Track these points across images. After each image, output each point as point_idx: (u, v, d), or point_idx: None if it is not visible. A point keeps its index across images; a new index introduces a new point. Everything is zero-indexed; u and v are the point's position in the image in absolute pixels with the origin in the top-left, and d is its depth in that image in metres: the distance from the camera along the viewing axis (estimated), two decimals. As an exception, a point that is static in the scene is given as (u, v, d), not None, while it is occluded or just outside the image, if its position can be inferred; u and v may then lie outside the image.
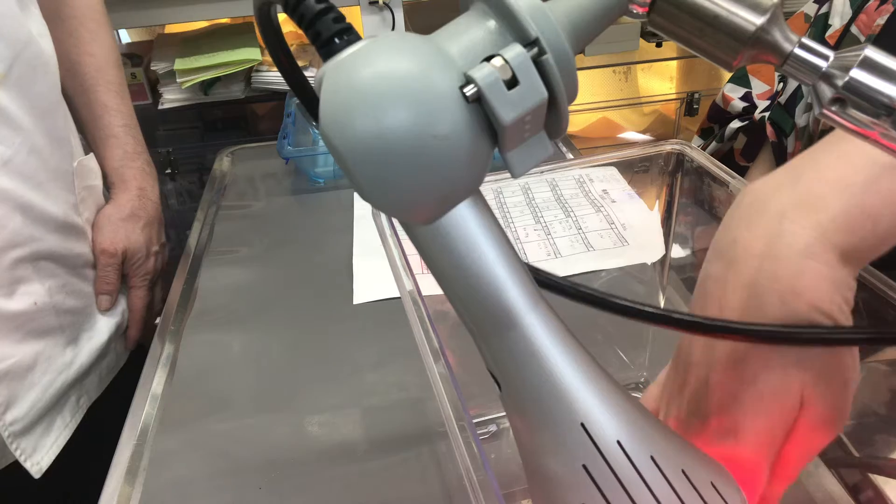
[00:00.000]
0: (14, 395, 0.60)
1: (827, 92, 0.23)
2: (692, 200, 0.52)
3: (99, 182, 0.74)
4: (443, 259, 0.24)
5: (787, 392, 0.29)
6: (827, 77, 0.23)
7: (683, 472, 0.25)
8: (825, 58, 0.23)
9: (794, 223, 0.29)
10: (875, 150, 0.27)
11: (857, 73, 0.22)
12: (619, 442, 0.25)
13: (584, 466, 0.25)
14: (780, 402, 0.30)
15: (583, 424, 0.25)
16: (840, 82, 0.22)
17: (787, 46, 0.23)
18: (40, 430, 0.64)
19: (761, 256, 0.29)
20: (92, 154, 0.74)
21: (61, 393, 0.66)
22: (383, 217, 0.43)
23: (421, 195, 0.22)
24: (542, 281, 0.29)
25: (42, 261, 0.63)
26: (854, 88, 0.22)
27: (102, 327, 0.72)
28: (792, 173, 0.31)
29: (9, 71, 0.58)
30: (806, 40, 0.23)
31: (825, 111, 0.23)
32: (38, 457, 0.63)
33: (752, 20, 0.23)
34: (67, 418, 0.67)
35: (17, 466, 0.62)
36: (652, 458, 0.25)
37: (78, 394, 0.69)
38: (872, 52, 0.22)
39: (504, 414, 0.55)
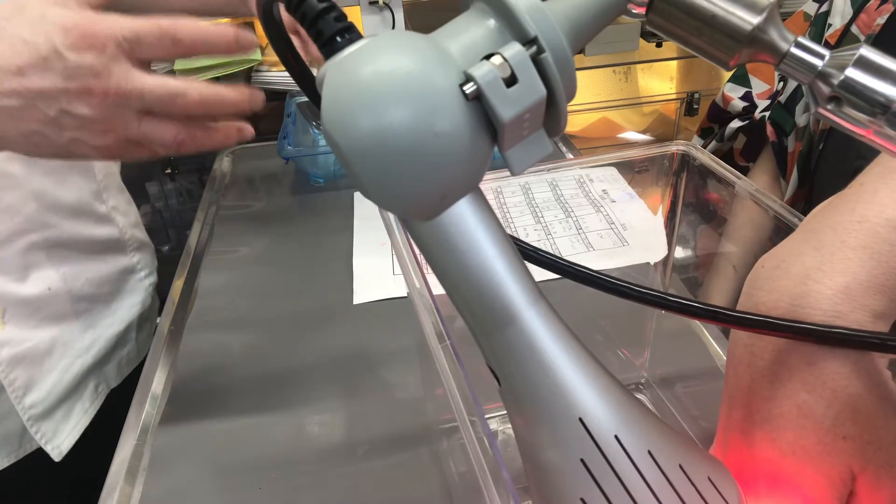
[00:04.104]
0: (32, 379, 0.62)
1: (823, 90, 0.23)
2: (696, 201, 0.52)
3: (117, 167, 0.75)
4: (443, 255, 0.25)
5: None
6: (823, 76, 0.23)
7: (681, 466, 0.26)
8: (821, 57, 0.23)
9: (820, 283, 0.28)
10: (891, 212, 0.28)
11: (853, 72, 0.22)
12: (616, 436, 0.25)
13: (582, 460, 0.25)
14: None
15: (581, 419, 0.25)
16: (836, 81, 0.23)
17: (783, 45, 0.23)
18: (60, 415, 0.65)
19: (785, 317, 0.28)
20: None
21: (80, 378, 0.67)
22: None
23: (421, 192, 0.22)
24: (521, 251, 0.28)
25: (56, 247, 0.64)
26: (850, 87, 0.22)
27: (122, 315, 0.73)
28: (813, 239, 0.30)
29: None
30: (802, 39, 0.23)
31: (821, 110, 0.24)
32: (59, 440, 0.65)
33: (749, 20, 0.23)
34: (87, 404, 0.68)
35: (33, 457, 0.64)
36: (649, 452, 0.25)
37: (97, 380, 0.70)
38: (867, 52, 0.22)
39: (502, 414, 0.56)
